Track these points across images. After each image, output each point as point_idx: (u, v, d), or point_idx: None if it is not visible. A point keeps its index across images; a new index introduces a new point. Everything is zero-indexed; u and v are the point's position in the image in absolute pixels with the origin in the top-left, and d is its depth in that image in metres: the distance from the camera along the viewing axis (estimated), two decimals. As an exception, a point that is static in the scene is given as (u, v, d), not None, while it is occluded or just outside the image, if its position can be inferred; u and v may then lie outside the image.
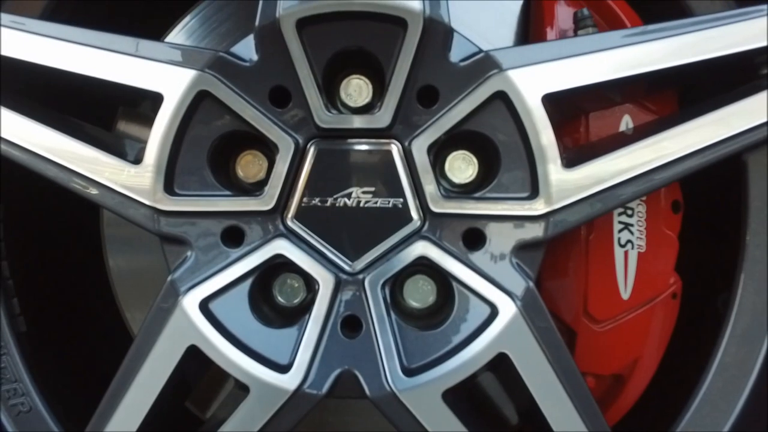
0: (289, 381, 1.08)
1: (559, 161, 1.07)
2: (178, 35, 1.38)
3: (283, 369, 1.09)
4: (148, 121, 1.16)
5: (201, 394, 1.22)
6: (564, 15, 1.25)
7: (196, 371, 1.16)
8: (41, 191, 1.25)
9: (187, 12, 1.40)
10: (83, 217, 1.46)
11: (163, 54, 1.09)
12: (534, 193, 1.09)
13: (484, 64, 1.07)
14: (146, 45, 1.11)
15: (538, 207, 1.08)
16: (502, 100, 1.07)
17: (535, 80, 1.07)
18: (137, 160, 1.09)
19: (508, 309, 1.08)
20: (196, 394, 1.21)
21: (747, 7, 1.17)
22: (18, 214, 1.33)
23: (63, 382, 1.36)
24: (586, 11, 1.23)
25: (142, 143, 1.14)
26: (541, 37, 1.27)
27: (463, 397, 1.11)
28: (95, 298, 1.49)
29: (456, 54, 1.08)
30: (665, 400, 1.30)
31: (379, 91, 1.10)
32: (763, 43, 1.09)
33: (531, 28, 1.33)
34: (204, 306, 1.09)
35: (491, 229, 1.11)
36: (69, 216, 1.44)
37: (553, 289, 1.26)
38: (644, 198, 1.23)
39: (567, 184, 1.08)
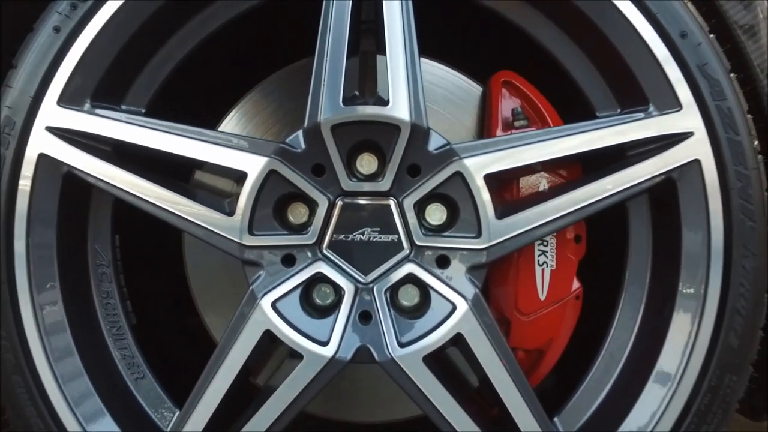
0: (328, 351, 1.34)
1: (493, 215, 1.34)
2: (236, 114, 1.68)
3: (324, 344, 1.35)
4: (220, 176, 1.44)
5: (258, 370, 1.46)
6: (506, 105, 1.52)
7: (262, 352, 1.39)
8: (144, 226, 1.50)
9: (241, 98, 1.67)
10: (171, 242, 1.72)
11: (246, 145, 1.36)
12: (479, 234, 1.35)
13: (449, 153, 1.35)
14: (235, 138, 1.37)
15: (481, 243, 1.35)
16: (460, 176, 1.34)
17: (479, 165, 1.34)
18: (230, 212, 1.35)
19: (462, 306, 1.35)
20: (254, 370, 1.44)
21: (627, 103, 1.41)
22: (128, 241, 1.61)
23: (163, 358, 1.64)
24: (519, 108, 1.50)
25: (226, 196, 1.39)
26: (490, 119, 1.53)
27: (437, 361, 1.35)
28: (179, 299, 1.75)
29: (432, 145, 1.35)
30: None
31: (382, 164, 1.36)
32: (628, 139, 1.37)
33: (485, 110, 1.58)
34: (273, 305, 1.36)
35: (454, 256, 1.36)
36: (162, 242, 1.73)
37: (497, 293, 1.51)
38: (554, 234, 1.47)
39: (499, 229, 1.34)
